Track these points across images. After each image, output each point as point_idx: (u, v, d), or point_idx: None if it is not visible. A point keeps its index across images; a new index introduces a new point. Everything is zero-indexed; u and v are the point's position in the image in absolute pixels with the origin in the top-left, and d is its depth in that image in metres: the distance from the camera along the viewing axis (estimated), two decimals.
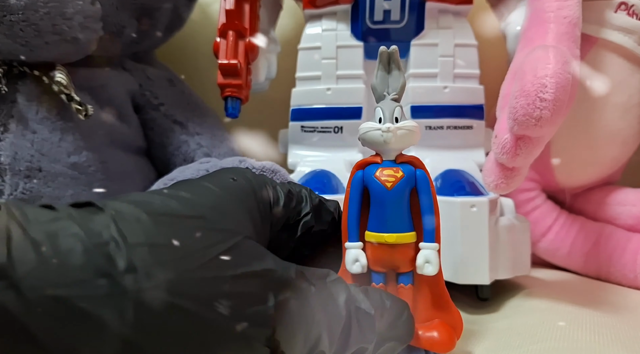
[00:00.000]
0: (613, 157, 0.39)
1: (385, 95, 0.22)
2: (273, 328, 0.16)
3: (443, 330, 0.21)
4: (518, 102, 0.24)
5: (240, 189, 0.20)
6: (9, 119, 0.31)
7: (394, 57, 0.22)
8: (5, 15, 0.29)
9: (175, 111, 0.39)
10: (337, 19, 0.35)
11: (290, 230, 0.22)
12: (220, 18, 0.34)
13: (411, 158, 0.22)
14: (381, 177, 0.21)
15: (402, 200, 0.21)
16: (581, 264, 0.38)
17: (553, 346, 0.23)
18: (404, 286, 0.22)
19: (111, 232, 0.15)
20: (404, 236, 0.21)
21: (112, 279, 0.14)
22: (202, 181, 0.19)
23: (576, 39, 0.29)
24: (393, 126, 0.21)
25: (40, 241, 0.14)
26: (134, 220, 0.16)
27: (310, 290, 0.18)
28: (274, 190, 0.21)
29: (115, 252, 0.14)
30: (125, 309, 0.14)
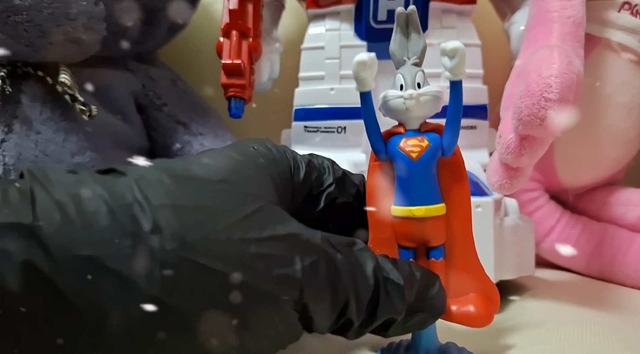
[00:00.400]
0: (616, 157, 0.39)
1: (405, 60, 0.21)
2: (300, 291, 0.16)
3: (479, 303, 0.20)
4: (523, 101, 0.24)
5: (261, 156, 0.19)
6: (13, 120, 0.32)
7: (412, 18, 0.21)
8: (10, 15, 0.29)
9: (179, 111, 0.39)
10: (340, 18, 0.35)
11: (313, 201, 0.21)
12: (224, 18, 0.34)
13: (436, 125, 0.21)
14: (406, 148, 0.20)
15: (429, 170, 0.20)
16: (584, 264, 0.38)
17: (557, 347, 0.23)
18: (435, 260, 0.20)
19: (135, 194, 0.15)
20: (433, 209, 0.20)
21: (138, 239, 0.14)
22: (223, 150, 0.19)
23: (580, 39, 0.29)
24: (415, 92, 0.20)
25: (64, 203, 0.14)
26: (156, 182, 0.16)
27: (336, 256, 0.17)
28: (294, 159, 0.21)
29: (140, 213, 0.14)
30: (152, 268, 0.14)
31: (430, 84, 0.20)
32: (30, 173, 0.15)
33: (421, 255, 0.21)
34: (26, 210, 0.14)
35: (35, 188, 0.14)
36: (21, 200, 0.14)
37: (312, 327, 0.18)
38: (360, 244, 0.19)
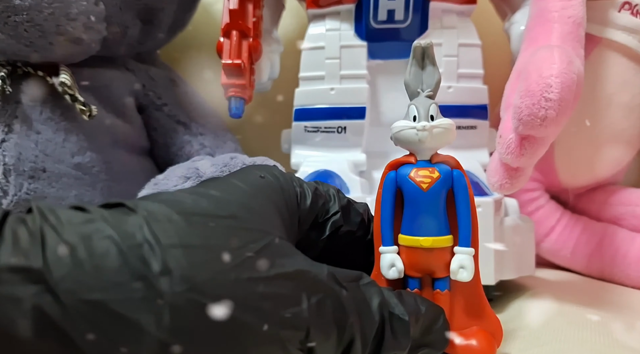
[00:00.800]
0: (616, 157, 0.39)
1: (419, 91, 0.21)
2: (307, 330, 0.16)
3: (482, 338, 0.20)
4: (523, 101, 0.24)
5: (268, 187, 0.19)
6: (13, 120, 0.32)
7: (429, 52, 0.21)
8: (10, 16, 0.29)
9: (179, 111, 0.39)
10: (340, 18, 0.35)
11: (318, 229, 0.21)
12: (224, 18, 0.34)
13: (447, 158, 0.21)
14: (416, 178, 0.20)
15: (438, 202, 0.20)
16: (584, 264, 0.38)
17: (558, 348, 0.23)
18: (440, 292, 0.21)
19: (144, 234, 0.15)
20: (440, 240, 0.20)
21: (147, 282, 0.14)
22: (230, 179, 0.19)
23: (580, 39, 0.29)
24: (429, 124, 0.20)
25: (74, 245, 0.14)
26: (166, 220, 0.15)
27: (342, 292, 0.17)
28: (300, 187, 0.21)
29: (150, 254, 0.14)
30: (162, 312, 0.14)
31: (442, 117, 0.21)
32: (40, 211, 0.15)
33: (427, 284, 0.21)
34: (36, 254, 0.13)
35: (45, 230, 0.14)
36: (31, 243, 0.14)
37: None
38: (366, 278, 0.19)
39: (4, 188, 0.31)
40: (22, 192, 0.31)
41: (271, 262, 0.16)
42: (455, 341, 0.20)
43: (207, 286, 0.15)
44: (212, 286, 0.15)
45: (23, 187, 0.31)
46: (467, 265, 0.20)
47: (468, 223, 0.20)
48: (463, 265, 0.20)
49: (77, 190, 0.33)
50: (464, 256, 0.20)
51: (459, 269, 0.20)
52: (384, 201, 0.21)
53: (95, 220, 0.15)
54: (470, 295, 0.21)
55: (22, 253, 0.13)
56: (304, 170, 0.34)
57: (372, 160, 0.35)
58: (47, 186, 0.32)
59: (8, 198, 0.31)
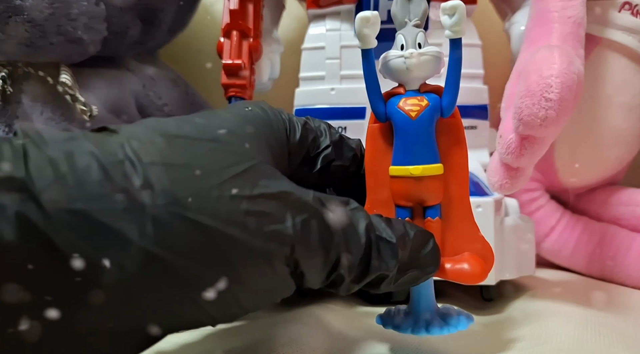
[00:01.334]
0: (617, 157, 0.39)
1: (406, 21, 0.21)
2: (292, 247, 0.16)
3: (473, 262, 0.20)
4: (523, 102, 0.24)
5: (256, 118, 0.19)
6: (14, 120, 0.32)
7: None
8: (11, 16, 0.29)
9: (179, 111, 0.39)
10: (341, 19, 0.35)
11: (309, 163, 0.21)
12: (224, 18, 0.34)
13: (436, 86, 0.21)
14: (405, 107, 0.20)
15: (427, 130, 0.20)
16: (585, 264, 0.38)
17: (558, 347, 0.23)
18: (432, 219, 0.21)
19: (126, 152, 0.15)
20: (430, 168, 0.20)
21: (129, 194, 0.14)
22: (217, 111, 0.19)
23: (581, 39, 0.29)
24: (416, 51, 0.20)
25: (57, 159, 0.14)
26: (148, 141, 0.16)
27: (328, 214, 0.17)
28: (290, 121, 0.21)
29: (131, 170, 0.15)
30: (144, 223, 0.14)
31: (430, 45, 0.21)
32: (23, 131, 0.15)
33: (418, 214, 0.21)
34: (19, 165, 0.14)
35: (28, 145, 0.14)
36: (14, 156, 0.14)
37: (304, 282, 0.18)
38: (353, 203, 0.19)
39: None
40: None
41: (255, 183, 0.16)
42: (445, 266, 0.20)
43: (189, 201, 0.15)
44: (195, 201, 0.15)
45: None
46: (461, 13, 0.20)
47: None
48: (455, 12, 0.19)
49: None
50: None
51: None
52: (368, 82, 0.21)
53: (77, 138, 0.15)
54: (461, 222, 0.21)
55: (5, 164, 0.14)
56: None
57: None
58: None
59: None
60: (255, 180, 0.16)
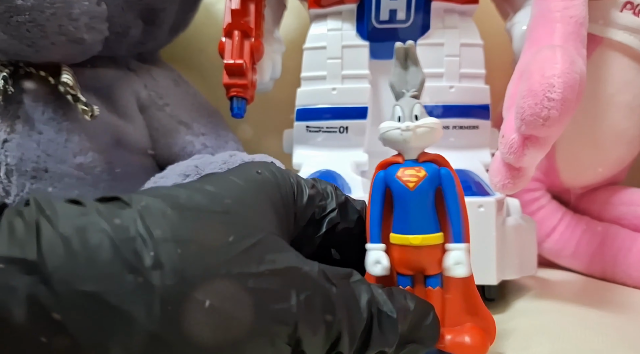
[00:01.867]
0: (618, 157, 0.39)
1: (404, 92, 0.22)
2: (295, 325, 0.16)
3: (475, 334, 0.20)
4: (526, 101, 0.24)
5: (265, 182, 0.19)
6: (16, 120, 0.32)
7: (411, 52, 0.22)
8: (12, 16, 0.29)
9: (180, 111, 0.39)
10: (342, 18, 0.35)
11: (315, 226, 0.21)
12: (226, 18, 0.34)
13: (435, 156, 0.21)
14: (403, 177, 0.21)
15: (426, 200, 0.20)
16: (586, 264, 0.38)
17: (561, 347, 0.23)
18: (432, 289, 0.21)
19: (138, 227, 0.15)
20: (429, 238, 0.20)
21: (139, 275, 0.14)
22: (227, 175, 0.19)
23: (583, 39, 0.29)
24: (412, 124, 0.20)
25: (69, 237, 0.14)
26: (160, 214, 0.16)
27: (332, 289, 0.17)
28: (298, 184, 0.21)
29: (142, 248, 0.15)
30: (152, 304, 0.14)
31: (427, 116, 0.21)
32: (37, 203, 0.15)
33: (419, 281, 0.21)
34: (31, 245, 0.14)
35: (41, 222, 0.14)
36: (27, 234, 0.14)
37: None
38: (356, 276, 0.19)
39: (6, 188, 0.31)
40: (24, 192, 0.31)
41: (262, 258, 0.16)
42: (446, 338, 0.20)
43: (197, 280, 0.15)
44: (202, 280, 0.15)
45: (25, 187, 0.31)
46: (462, 260, 0.20)
47: (459, 219, 0.20)
48: (458, 261, 0.20)
49: (79, 190, 0.33)
50: (458, 252, 0.20)
51: (454, 265, 0.20)
52: (373, 201, 0.21)
53: (90, 213, 0.15)
54: (463, 292, 0.21)
55: (18, 245, 0.14)
56: (305, 170, 0.35)
57: (374, 160, 0.34)
58: (49, 186, 0.32)
59: (10, 199, 0.31)
60: (262, 255, 0.16)
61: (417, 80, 0.22)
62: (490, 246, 0.28)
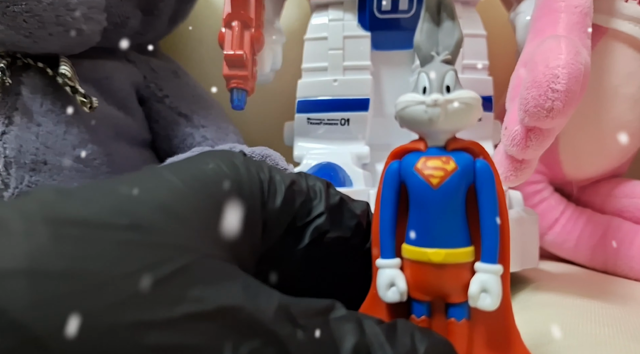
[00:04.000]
0: (621, 149, 0.39)
1: (433, 55, 0.16)
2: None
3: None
4: (529, 93, 0.24)
5: (215, 180, 0.14)
6: (14, 112, 0.31)
7: (446, 2, 0.16)
8: (9, 6, 0.29)
9: (180, 103, 0.39)
10: (344, 8, 0.35)
11: (296, 235, 0.16)
12: (226, 8, 0.33)
13: (469, 143, 0.15)
14: (424, 170, 0.15)
15: (453, 203, 0.15)
16: (588, 257, 0.38)
17: (564, 340, 0.23)
18: (456, 321, 0.15)
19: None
20: (455, 254, 0.15)
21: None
22: (163, 171, 0.14)
23: (587, 29, 0.29)
24: (442, 98, 0.15)
25: None
26: (22, 232, 0.11)
27: (294, 336, 0.12)
28: (270, 181, 0.16)
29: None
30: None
31: (462, 88, 0.15)
32: None
33: (438, 311, 0.16)
34: None
35: None
36: None
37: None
38: (339, 310, 0.14)
39: (5, 180, 0.31)
40: (23, 185, 0.31)
41: (181, 296, 0.11)
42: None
43: (55, 341, 0.10)
44: (65, 341, 0.10)
45: (24, 180, 0.31)
46: (491, 287, 0.15)
47: (494, 231, 0.15)
48: (486, 288, 0.15)
49: (79, 182, 0.32)
50: (487, 276, 0.15)
51: (479, 293, 0.15)
52: (383, 201, 0.16)
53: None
54: (497, 326, 0.16)
55: None
56: (306, 162, 0.34)
57: (376, 153, 0.35)
58: (48, 178, 0.31)
59: (9, 191, 0.30)
60: (182, 292, 0.11)
61: (452, 40, 0.16)
62: None
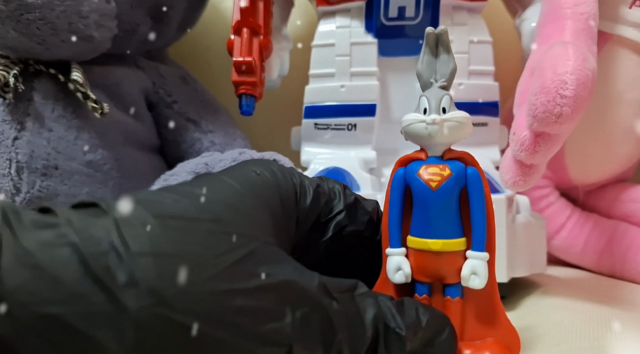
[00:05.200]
0: (627, 154, 0.39)
1: (432, 82, 0.20)
2: (289, 347, 0.15)
3: (496, 350, 0.19)
4: (538, 98, 0.24)
5: (262, 184, 0.18)
6: (26, 117, 0.32)
7: (443, 38, 0.20)
8: (22, 13, 0.29)
9: (189, 109, 0.39)
10: (351, 15, 0.35)
11: (320, 229, 0.20)
12: (235, 15, 0.34)
13: (462, 154, 0.19)
14: (425, 176, 0.19)
15: (449, 202, 0.19)
16: (595, 261, 0.38)
17: (577, 346, 0.23)
18: (452, 299, 0.19)
19: (112, 239, 0.13)
20: (450, 243, 0.19)
21: (110, 294, 0.13)
22: (221, 176, 0.18)
23: (593, 36, 0.29)
24: (439, 117, 0.19)
25: (32, 251, 0.13)
26: (139, 224, 0.14)
27: (332, 305, 0.16)
28: (301, 184, 0.19)
29: (116, 263, 0.13)
30: (125, 329, 0.12)
31: (456, 109, 0.19)
32: (3, 213, 0.13)
33: (437, 290, 0.20)
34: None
35: (4, 234, 0.13)
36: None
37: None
38: (362, 288, 0.18)
39: (17, 185, 0.31)
40: (34, 190, 0.31)
41: (253, 272, 0.15)
42: (464, 353, 0.19)
43: (177, 300, 0.13)
44: (183, 300, 0.13)
45: (35, 185, 0.31)
46: (479, 271, 0.18)
47: (482, 225, 0.19)
48: (475, 271, 0.18)
49: (89, 187, 0.33)
50: (476, 261, 0.19)
51: (470, 275, 0.19)
52: (391, 200, 0.20)
53: (60, 225, 0.13)
54: (485, 303, 0.20)
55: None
56: (313, 167, 0.35)
57: (383, 157, 0.35)
58: (59, 183, 0.32)
59: (21, 196, 0.31)
60: (254, 269, 0.15)
61: (448, 69, 0.20)
62: (500, 244, 0.28)
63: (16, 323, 0.12)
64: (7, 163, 0.31)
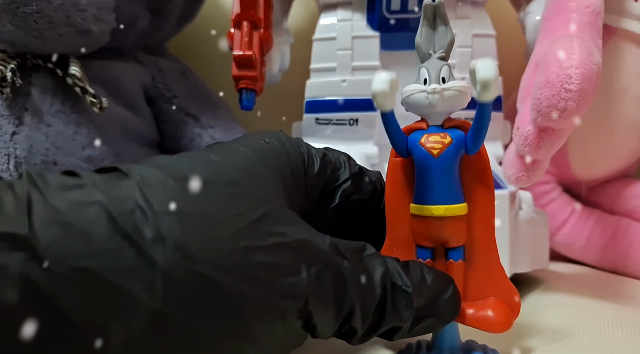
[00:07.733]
0: (630, 150, 0.38)
1: (430, 53, 0.20)
2: (306, 300, 0.16)
3: (498, 308, 0.19)
4: (542, 93, 0.24)
5: (272, 152, 0.19)
6: (24, 112, 0.31)
7: (440, 11, 0.20)
8: (19, 7, 0.29)
9: (189, 104, 0.39)
10: (352, 8, 0.35)
11: (327, 197, 0.21)
12: (235, 8, 0.33)
13: (461, 122, 0.20)
14: (426, 144, 0.19)
15: (450, 168, 0.19)
16: (597, 257, 0.38)
17: (580, 341, 0.22)
18: (454, 261, 0.20)
19: (137, 199, 0.14)
20: (453, 208, 0.19)
21: (139, 249, 0.13)
22: (233, 144, 0.18)
23: (599, 29, 0.29)
24: (439, 87, 0.19)
25: (62, 210, 0.13)
26: (160, 186, 0.15)
27: (343, 264, 0.17)
28: (308, 153, 0.20)
29: (142, 221, 0.14)
30: (154, 280, 0.13)
31: (455, 79, 0.20)
32: (29, 176, 0.14)
33: (439, 254, 0.20)
34: (22, 219, 0.13)
35: (33, 195, 0.13)
36: (17, 208, 0.13)
37: (315, 333, 0.17)
38: (370, 249, 0.18)
39: None
40: None
41: (270, 231, 0.16)
42: (467, 312, 0.20)
43: (201, 254, 0.14)
44: (207, 255, 0.14)
45: None
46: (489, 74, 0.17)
47: None
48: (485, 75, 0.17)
49: None
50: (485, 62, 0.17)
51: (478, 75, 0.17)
52: None
53: (86, 185, 0.14)
54: (486, 265, 0.20)
55: (8, 219, 0.13)
56: None
57: (384, 153, 0.34)
58: None
59: None
60: (271, 228, 0.16)
61: (446, 41, 0.20)
62: (503, 240, 0.28)
63: (53, 277, 0.13)
64: (5, 158, 0.30)
